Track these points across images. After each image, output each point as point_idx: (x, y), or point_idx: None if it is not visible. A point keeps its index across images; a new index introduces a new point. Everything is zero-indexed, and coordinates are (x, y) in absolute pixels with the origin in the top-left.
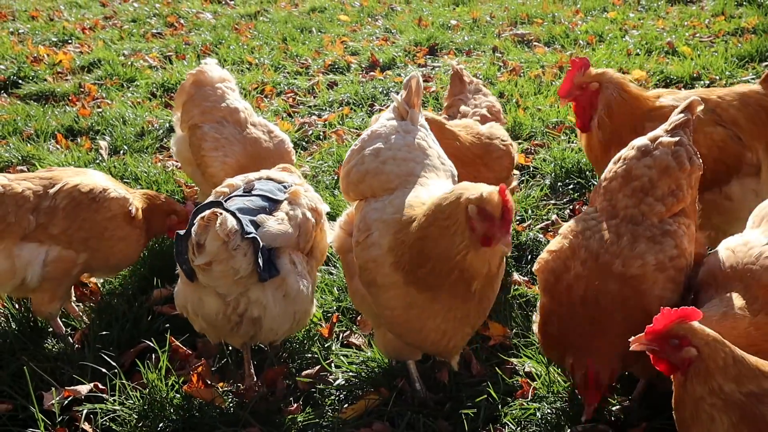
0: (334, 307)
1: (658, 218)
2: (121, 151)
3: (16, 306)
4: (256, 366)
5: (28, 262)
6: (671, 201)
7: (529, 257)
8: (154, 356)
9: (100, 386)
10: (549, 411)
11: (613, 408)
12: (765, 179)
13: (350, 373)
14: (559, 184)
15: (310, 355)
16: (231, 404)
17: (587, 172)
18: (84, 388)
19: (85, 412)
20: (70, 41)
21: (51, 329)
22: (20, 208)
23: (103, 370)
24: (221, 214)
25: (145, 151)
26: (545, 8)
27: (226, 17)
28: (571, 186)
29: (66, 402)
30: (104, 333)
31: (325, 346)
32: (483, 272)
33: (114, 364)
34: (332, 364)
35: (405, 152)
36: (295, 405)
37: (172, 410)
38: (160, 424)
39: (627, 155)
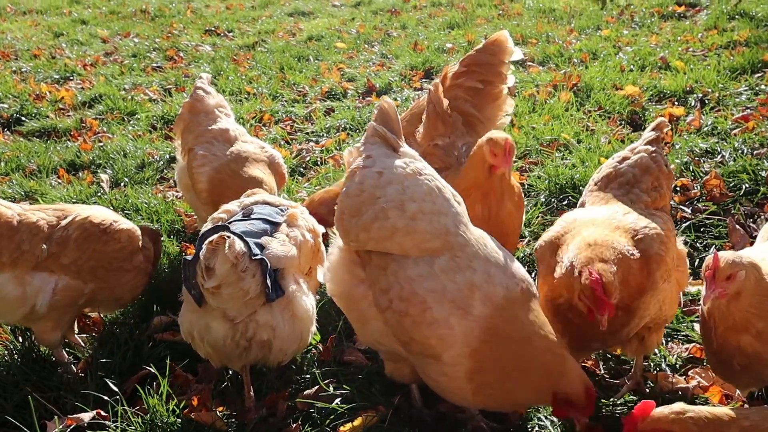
0: (330, 328)
1: (645, 206)
2: (122, 184)
3: (20, 339)
4: (256, 390)
5: (39, 289)
6: (655, 195)
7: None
8: (155, 382)
9: (103, 413)
10: (548, 423)
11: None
12: None
13: (348, 392)
14: (553, 200)
15: (308, 376)
16: (232, 427)
17: (581, 188)
18: (87, 416)
19: None
20: (71, 78)
21: (54, 359)
22: (34, 237)
23: (105, 397)
24: (229, 237)
25: (146, 183)
26: (539, 28)
27: (224, 49)
28: (566, 202)
29: (69, 430)
30: (106, 361)
31: (323, 365)
32: None
33: (116, 390)
34: (330, 385)
35: (430, 203)
36: (294, 425)
37: None
38: None
39: (607, 164)
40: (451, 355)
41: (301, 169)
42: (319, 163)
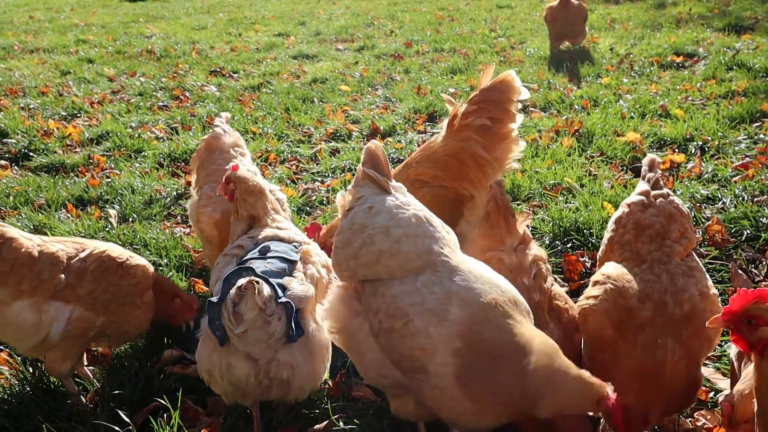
0: (339, 363)
1: (680, 258)
2: (130, 219)
3: (30, 369)
4: (265, 424)
5: (54, 318)
6: (685, 243)
7: None
8: (165, 414)
9: None
10: None
11: None
12: (479, 204)
13: (358, 428)
14: (557, 242)
15: (318, 411)
16: None
17: (584, 231)
18: None
19: None
20: (79, 115)
21: (64, 389)
22: (53, 267)
23: (117, 428)
24: (258, 282)
25: (154, 219)
26: (540, 75)
27: (230, 89)
28: (570, 244)
29: None
30: (117, 392)
31: (332, 401)
32: None
33: (128, 421)
34: (339, 420)
35: (415, 228)
36: None
37: None
38: None
39: (624, 212)
40: (435, 364)
41: (308, 209)
42: (325, 202)
